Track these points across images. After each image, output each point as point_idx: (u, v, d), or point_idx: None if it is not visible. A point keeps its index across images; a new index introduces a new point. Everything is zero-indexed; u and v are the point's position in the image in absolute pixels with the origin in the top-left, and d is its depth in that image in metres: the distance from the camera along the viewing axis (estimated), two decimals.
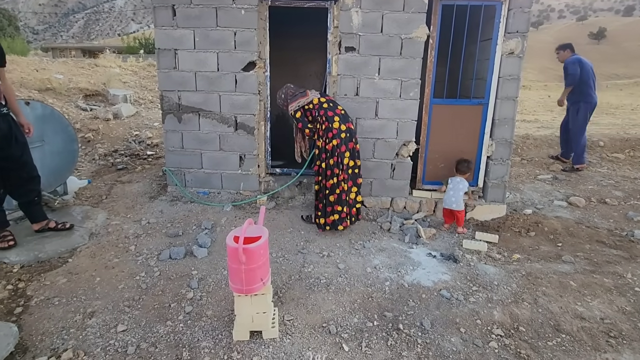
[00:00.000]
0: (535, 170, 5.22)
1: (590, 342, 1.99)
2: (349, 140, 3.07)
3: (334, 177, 3.06)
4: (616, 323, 2.13)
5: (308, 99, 3.15)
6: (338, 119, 3.05)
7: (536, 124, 8.05)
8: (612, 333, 2.05)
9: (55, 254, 2.67)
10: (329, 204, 3.09)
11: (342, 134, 3.03)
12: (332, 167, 3.05)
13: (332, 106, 3.13)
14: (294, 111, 3.18)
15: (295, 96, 3.21)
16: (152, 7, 3.50)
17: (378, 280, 2.51)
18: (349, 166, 3.08)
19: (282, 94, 3.31)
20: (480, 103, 3.54)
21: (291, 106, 3.19)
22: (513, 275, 2.62)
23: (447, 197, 3.32)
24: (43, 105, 3.27)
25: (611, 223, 3.52)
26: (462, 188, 3.29)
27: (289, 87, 3.34)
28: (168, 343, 1.89)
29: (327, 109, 3.08)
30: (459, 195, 3.27)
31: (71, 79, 7.28)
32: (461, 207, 3.27)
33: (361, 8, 3.35)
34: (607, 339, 2.01)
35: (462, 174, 3.38)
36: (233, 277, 1.78)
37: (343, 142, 3.03)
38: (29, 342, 1.87)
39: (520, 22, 3.31)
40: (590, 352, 1.93)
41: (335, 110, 3.10)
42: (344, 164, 3.05)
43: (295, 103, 3.17)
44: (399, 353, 1.89)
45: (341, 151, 3.03)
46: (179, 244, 2.89)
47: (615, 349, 1.94)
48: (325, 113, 3.07)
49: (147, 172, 4.52)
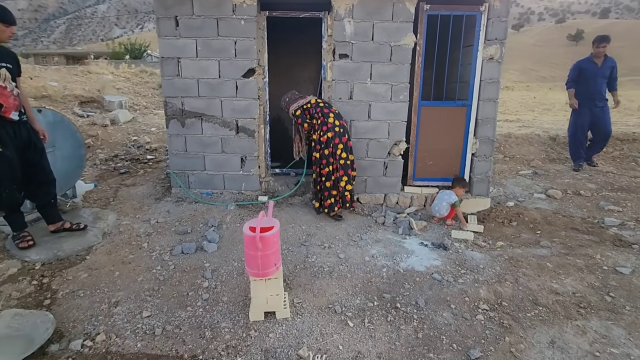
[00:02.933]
0: (517, 167, 5.56)
1: (564, 312, 2.28)
2: (342, 135, 3.43)
3: (329, 165, 3.45)
4: (586, 296, 2.42)
5: (306, 100, 3.58)
6: (333, 115, 3.46)
7: (518, 124, 8.45)
8: (582, 304, 2.34)
9: (73, 252, 2.83)
10: (325, 189, 3.49)
11: (336, 128, 3.42)
12: (327, 156, 3.44)
13: (328, 106, 3.57)
14: (295, 110, 3.57)
15: (296, 100, 3.64)
16: (156, 18, 3.70)
17: (376, 267, 2.75)
18: (342, 157, 3.43)
19: (286, 98, 3.73)
20: (465, 104, 3.84)
21: (292, 107, 3.60)
22: (497, 259, 2.90)
23: (434, 205, 3.62)
24: (54, 113, 3.43)
25: (584, 212, 3.85)
26: (446, 199, 3.54)
27: (294, 92, 3.78)
28: (191, 325, 2.09)
29: (323, 107, 3.51)
30: (441, 205, 3.54)
31: (66, 86, 7.37)
32: (444, 214, 3.55)
33: (353, 18, 3.61)
34: (577, 309, 2.29)
35: (453, 189, 3.64)
36: (250, 263, 2.00)
37: (337, 135, 3.40)
38: (63, 328, 2.05)
39: (498, 30, 3.62)
40: (564, 320, 2.21)
41: (330, 109, 3.52)
42: (337, 155, 3.42)
43: (296, 104, 3.58)
44: (397, 327, 2.14)
45: (335, 143, 3.40)
46: (189, 240, 3.08)
47: (585, 317, 2.23)
48: (321, 110, 3.49)
49: (149, 175, 4.68)
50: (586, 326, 2.15)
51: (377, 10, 3.59)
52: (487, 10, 3.60)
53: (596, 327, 2.14)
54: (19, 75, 2.78)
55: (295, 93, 3.74)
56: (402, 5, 3.57)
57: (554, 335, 2.08)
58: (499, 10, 3.58)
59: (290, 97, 3.70)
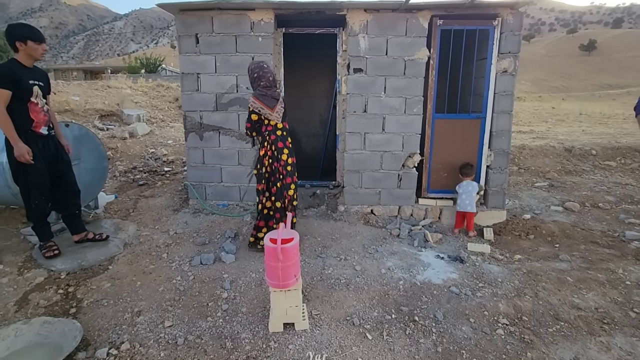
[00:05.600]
0: (532, 179, 5.51)
1: (586, 328, 2.23)
2: (285, 139, 2.99)
3: (277, 182, 3.01)
4: (609, 312, 2.37)
5: (271, 118, 2.93)
6: (283, 145, 2.97)
7: (531, 135, 8.40)
8: (606, 320, 2.29)
9: (96, 262, 2.91)
10: (270, 217, 3.08)
11: (279, 132, 2.96)
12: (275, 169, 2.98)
13: (285, 135, 3.01)
14: (254, 109, 2.90)
15: (265, 97, 2.91)
16: (177, 36, 3.86)
17: (392, 280, 2.76)
18: (288, 163, 2.99)
19: (259, 72, 2.93)
20: (479, 117, 3.86)
21: (256, 103, 2.89)
22: (515, 273, 2.87)
23: (461, 202, 3.60)
24: (79, 127, 3.57)
25: (604, 225, 3.79)
26: (472, 190, 3.59)
27: (268, 74, 2.94)
28: (212, 335, 2.13)
29: (280, 137, 2.96)
30: (472, 197, 3.57)
31: (87, 100, 7.64)
32: (474, 209, 3.58)
33: (367, 34, 3.70)
34: (601, 325, 2.25)
35: (467, 176, 3.67)
36: (270, 274, 2.04)
37: (280, 139, 2.96)
38: (89, 337, 2.10)
39: (511, 43, 3.66)
40: (587, 336, 2.17)
41: (285, 142, 3.00)
42: (283, 160, 2.96)
43: (260, 105, 2.89)
44: (416, 340, 2.13)
45: (279, 147, 2.95)
46: (207, 251, 3.14)
47: (609, 334, 2.18)
48: (272, 130, 2.95)
49: (167, 187, 4.79)
50: (610, 342, 2.10)
51: (391, 25, 3.67)
52: (500, 24, 3.64)
53: (621, 343, 2.10)
54: (48, 93, 2.92)
55: (269, 79, 2.94)
56: (415, 21, 3.65)
57: (577, 351, 2.04)
58: (511, 25, 3.63)
59: (264, 78, 2.92)
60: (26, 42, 2.60)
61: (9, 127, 2.55)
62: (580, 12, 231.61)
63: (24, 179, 2.71)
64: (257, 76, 2.95)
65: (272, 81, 2.98)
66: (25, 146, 2.60)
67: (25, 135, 2.65)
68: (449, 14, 3.66)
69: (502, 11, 3.60)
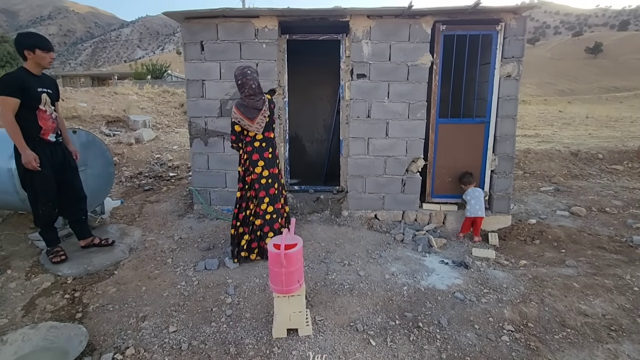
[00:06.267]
0: (537, 183, 5.47)
1: (594, 335, 2.21)
2: (263, 150, 2.90)
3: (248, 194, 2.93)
4: (617, 318, 2.34)
5: (250, 129, 2.84)
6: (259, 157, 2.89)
7: (537, 139, 8.34)
8: (613, 327, 2.26)
9: (102, 267, 2.94)
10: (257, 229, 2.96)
11: (256, 143, 2.89)
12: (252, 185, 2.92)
13: (264, 147, 2.91)
14: (236, 121, 2.83)
15: (246, 108, 2.80)
16: (183, 44, 3.91)
17: (396, 285, 2.75)
18: (263, 176, 2.90)
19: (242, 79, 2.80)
20: (482, 121, 3.85)
21: (236, 113, 2.81)
22: (520, 278, 2.84)
23: (471, 207, 3.60)
24: (87, 133, 3.62)
25: (611, 230, 3.75)
26: (479, 195, 3.63)
27: (251, 81, 2.79)
28: (216, 341, 2.13)
29: (257, 149, 2.89)
30: (481, 202, 3.59)
31: (94, 106, 7.75)
32: (484, 213, 3.60)
33: (371, 39, 3.72)
34: (608, 332, 2.22)
35: (468, 184, 3.67)
36: (274, 280, 2.05)
37: (256, 151, 2.89)
38: (94, 341, 2.12)
39: (515, 48, 3.66)
40: (594, 343, 2.14)
41: (263, 154, 2.90)
42: (257, 173, 2.89)
43: (240, 115, 2.80)
44: (420, 347, 2.12)
45: (253, 159, 2.88)
46: (211, 256, 3.16)
47: (616, 341, 2.15)
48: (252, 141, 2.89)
49: (172, 192, 4.83)
50: (618, 350, 2.07)
51: (394, 31, 3.69)
52: (504, 29, 3.65)
53: (629, 351, 2.07)
54: (57, 100, 2.97)
55: (253, 87, 2.80)
56: (418, 27, 3.67)
57: (584, 359, 2.02)
58: (515, 29, 3.63)
59: (249, 87, 2.79)
60: (35, 50, 2.65)
61: (17, 135, 2.60)
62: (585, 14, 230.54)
63: (32, 185, 2.75)
64: (241, 83, 2.82)
65: (255, 88, 2.81)
66: (33, 153, 2.64)
67: (34, 142, 2.69)
68: (452, 20, 3.67)
69: (505, 16, 3.61)
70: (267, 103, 2.88)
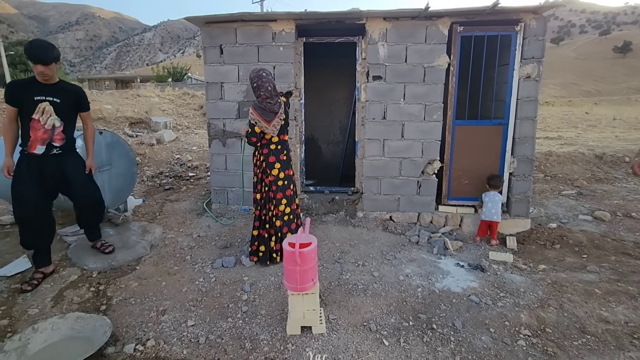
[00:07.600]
0: (559, 186, 5.32)
1: (615, 342, 2.14)
2: (279, 153, 2.95)
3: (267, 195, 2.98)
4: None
5: (267, 131, 2.87)
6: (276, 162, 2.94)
7: (559, 141, 8.11)
8: (636, 335, 2.19)
9: (125, 262, 3.06)
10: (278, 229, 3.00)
11: (272, 145, 2.94)
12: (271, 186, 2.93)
13: (280, 149, 2.96)
14: (254, 122, 2.84)
15: (263, 110, 2.82)
16: (203, 47, 4.03)
17: (410, 287, 2.74)
18: (279, 178, 2.95)
19: (258, 82, 2.80)
20: (501, 123, 3.79)
21: (254, 114, 2.82)
22: (539, 283, 2.79)
23: (487, 210, 3.55)
24: (112, 134, 3.79)
25: (637, 236, 3.61)
26: (498, 200, 3.57)
27: (267, 83, 2.79)
28: (232, 335, 2.20)
29: (273, 151, 2.94)
30: (498, 207, 3.52)
31: (118, 108, 8.05)
32: (500, 218, 3.53)
33: (387, 41, 3.74)
34: (631, 340, 2.15)
35: (495, 188, 3.61)
36: (289, 277, 2.09)
37: (272, 153, 2.93)
38: (117, 332, 2.22)
39: (535, 49, 3.59)
40: (615, 351, 2.08)
41: (278, 156, 2.95)
42: (274, 175, 2.92)
43: (258, 117, 2.82)
44: (434, 348, 2.11)
45: (270, 162, 2.92)
46: (228, 254, 3.23)
47: (639, 349, 2.09)
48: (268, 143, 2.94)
49: (191, 191, 4.97)
50: None
51: (411, 33, 3.69)
52: (523, 29, 3.59)
53: None
54: (81, 111, 2.82)
55: (269, 88, 2.80)
56: (435, 28, 3.65)
57: None
58: (535, 30, 3.56)
59: (265, 89, 2.79)
60: (31, 60, 2.53)
61: (6, 141, 2.59)
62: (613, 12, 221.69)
63: (12, 201, 2.63)
64: (257, 86, 2.81)
65: (271, 91, 2.81)
66: (10, 162, 2.56)
67: (22, 152, 2.61)
68: (470, 21, 3.64)
69: (525, 16, 3.55)
70: (283, 105, 2.93)
